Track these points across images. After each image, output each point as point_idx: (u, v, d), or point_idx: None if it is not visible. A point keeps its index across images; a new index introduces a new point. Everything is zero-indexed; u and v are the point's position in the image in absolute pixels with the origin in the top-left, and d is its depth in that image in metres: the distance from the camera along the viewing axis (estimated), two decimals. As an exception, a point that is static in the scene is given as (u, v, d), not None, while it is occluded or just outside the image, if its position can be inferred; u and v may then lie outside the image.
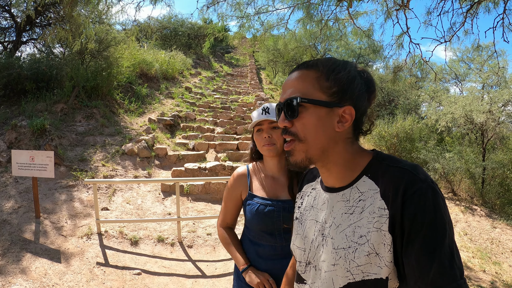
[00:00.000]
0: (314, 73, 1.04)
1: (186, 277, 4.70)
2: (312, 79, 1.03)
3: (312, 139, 1.02)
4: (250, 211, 1.93)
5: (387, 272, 0.94)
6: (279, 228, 1.87)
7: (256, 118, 1.92)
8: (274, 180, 1.97)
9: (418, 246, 0.87)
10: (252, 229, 1.98)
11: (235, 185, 2.04)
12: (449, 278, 0.84)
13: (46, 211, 5.76)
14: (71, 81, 9.27)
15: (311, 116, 1.01)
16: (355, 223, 1.00)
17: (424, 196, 0.89)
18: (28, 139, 7.46)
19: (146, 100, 11.70)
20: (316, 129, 1.02)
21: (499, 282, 5.75)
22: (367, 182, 1.02)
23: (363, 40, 7.87)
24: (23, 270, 4.31)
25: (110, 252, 5.06)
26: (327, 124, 1.02)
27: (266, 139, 1.89)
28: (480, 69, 15.20)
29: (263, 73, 24.57)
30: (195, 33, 23.50)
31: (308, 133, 1.02)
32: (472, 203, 9.87)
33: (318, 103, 1.01)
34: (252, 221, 1.92)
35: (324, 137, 1.02)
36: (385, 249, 0.93)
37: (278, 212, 1.86)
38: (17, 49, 11.01)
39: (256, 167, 2.07)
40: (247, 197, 1.98)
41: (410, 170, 0.95)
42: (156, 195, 7.04)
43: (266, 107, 1.91)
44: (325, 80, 1.03)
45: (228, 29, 24.46)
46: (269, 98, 15.55)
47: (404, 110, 16.14)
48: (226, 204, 2.10)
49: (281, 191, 1.93)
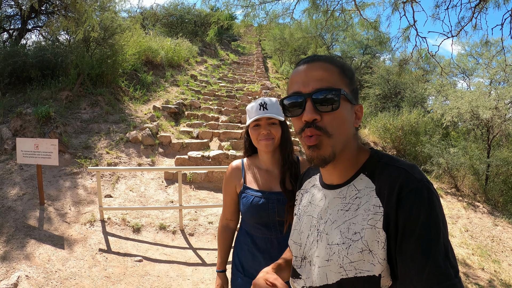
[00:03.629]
0: (337, 68, 1.03)
1: (187, 264, 4.76)
2: (338, 74, 1.03)
3: (340, 134, 1.01)
4: (244, 204, 1.93)
5: (380, 269, 0.94)
6: (274, 220, 1.88)
7: (254, 114, 1.89)
8: (268, 173, 1.98)
9: (413, 245, 0.87)
10: (247, 222, 1.99)
11: (230, 178, 2.05)
12: (443, 277, 0.84)
13: (50, 198, 5.83)
14: (76, 68, 9.27)
15: (344, 110, 1.01)
16: (350, 219, 1.01)
17: (419, 195, 0.89)
18: (33, 127, 7.51)
19: (151, 88, 11.70)
20: (345, 123, 1.02)
21: (497, 281, 5.76)
22: (364, 180, 1.03)
23: (370, 32, 7.77)
24: (27, 256, 4.38)
25: (112, 239, 5.12)
26: (350, 120, 1.05)
27: (264, 135, 1.88)
28: (488, 64, 15.06)
29: (270, 62, 24.44)
30: (201, 21, 23.33)
31: (338, 127, 1.00)
32: (475, 200, 9.85)
33: (349, 98, 1.02)
34: (247, 213, 1.92)
35: (349, 132, 1.05)
36: (378, 247, 0.94)
37: (273, 204, 1.87)
38: (23, 36, 10.97)
39: (250, 161, 2.07)
40: (242, 189, 1.98)
41: (407, 169, 0.95)
42: (159, 182, 7.08)
43: (263, 102, 1.89)
44: (345, 77, 1.04)
45: (234, 17, 24.28)
46: (275, 87, 15.49)
47: (410, 103, 16.06)
48: (224, 199, 2.10)
49: (275, 183, 1.93)
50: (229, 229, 2.14)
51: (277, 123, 1.91)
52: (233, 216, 2.12)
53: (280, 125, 1.93)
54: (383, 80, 18.66)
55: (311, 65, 1.03)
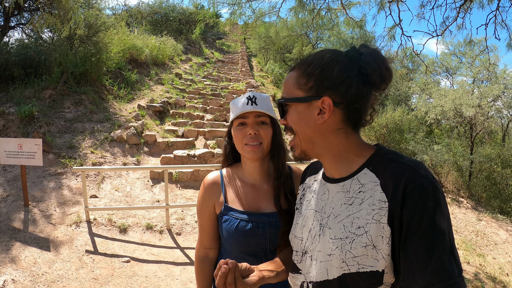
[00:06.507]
0: (295, 72, 1.10)
1: (175, 264, 4.73)
2: (292, 79, 1.09)
3: (300, 133, 1.08)
4: (227, 229, 1.53)
5: (383, 265, 0.94)
6: (265, 248, 1.51)
7: (240, 108, 1.51)
8: (255, 188, 1.60)
9: (417, 241, 0.87)
10: (230, 251, 1.57)
11: (206, 196, 1.62)
12: (447, 274, 0.84)
13: (35, 199, 5.73)
14: (60, 67, 9.11)
15: (293, 113, 1.09)
16: (354, 214, 1.00)
17: (425, 192, 0.89)
18: (16, 126, 7.37)
19: (135, 86, 11.57)
20: (299, 123, 1.08)
21: (482, 274, 5.87)
22: (368, 175, 1.03)
23: (356, 30, 7.84)
24: (13, 259, 4.30)
25: (99, 240, 5.06)
26: (307, 118, 1.05)
27: (250, 136, 1.50)
28: (471, 63, 15.34)
29: (254, 60, 24.40)
30: (186, 19, 23.22)
31: (296, 127, 1.09)
32: (459, 195, 10.03)
33: (294, 100, 1.08)
34: (230, 241, 1.53)
35: (309, 130, 1.06)
36: (383, 242, 0.93)
37: (263, 228, 1.49)
38: (5, 34, 10.74)
39: (231, 173, 1.66)
40: (222, 211, 1.57)
41: (412, 165, 0.95)
42: (145, 182, 7.02)
43: (252, 96, 1.53)
44: (302, 77, 1.07)
45: (220, 15, 24.23)
46: (260, 85, 15.48)
47: (394, 101, 16.25)
48: (200, 223, 1.68)
49: (264, 202, 1.55)
50: (208, 260, 1.70)
51: (267, 123, 1.54)
52: (213, 244, 1.68)
53: (272, 125, 1.56)
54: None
55: (287, 76, 1.15)
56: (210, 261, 1.70)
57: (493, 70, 13.39)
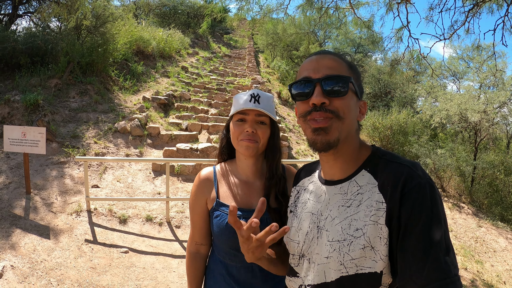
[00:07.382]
0: (345, 63, 1.08)
1: (173, 257, 4.76)
2: (347, 67, 1.07)
3: (349, 119, 1.04)
4: (218, 225, 1.54)
5: (382, 266, 0.94)
6: None
7: (241, 104, 1.52)
8: (248, 185, 1.61)
9: (414, 241, 0.88)
10: (221, 247, 1.59)
11: (199, 192, 1.64)
12: (443, 273, 0.84)
13: (37, 187, 5.76)
14: (66, 56, 9.13)
15: (351, 99, 1.05)
16: (352, 216, 1.01)
17: (422, 192, 0.90)
18: (21, 114, 7.40)
19: (141, 78, 11.58)
20: (352, 111, 1.05)
21: (479, 281, 5.86)
22: (366, 176, 1.04)
23: (363, 30, 7.81)
24: (13, 245, 4.33)
25: (98, 229, 5.09)
26: (355, 112, 1.08)
27: (247, 134, 1.51)
28: (479, 68, 15.24)
29: (261, 56, 24.34)
30: (194, 12, 23.20)
31: (347, 112, 1.03)
32: (460, 201, 10.00)
33: (356, 91, 1.07)
34: (221, 236, 1.53)
35: (354, 122, 1.08)
36: (381, 243, 0.94)
37: None
38: (13, 22, 10.78)
39: (225, 169, 1.67)
40: (214, 206, 1.58)
41: (410, 166, 0.97)
42: (147, 174, 7.05)
43: (256, 94, 1.52)
44: (353, 72, 1.08)
45: (228, 10, 24.16)
46: (266, 81, 15.45)
47: (399, 103, 16.20)
48: (192, 218, 1.68)
49: (256, 198, 1.56)
50: (199, 256, 1.71)
51: (267, 124, 1.55)
52: (204, 240, 1.69)
53: (270, 126, 1.57)
54: (374, 79, 18.81)
55: (323, 56, 1.08)
56: (201, 257, 1.71)
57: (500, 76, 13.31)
